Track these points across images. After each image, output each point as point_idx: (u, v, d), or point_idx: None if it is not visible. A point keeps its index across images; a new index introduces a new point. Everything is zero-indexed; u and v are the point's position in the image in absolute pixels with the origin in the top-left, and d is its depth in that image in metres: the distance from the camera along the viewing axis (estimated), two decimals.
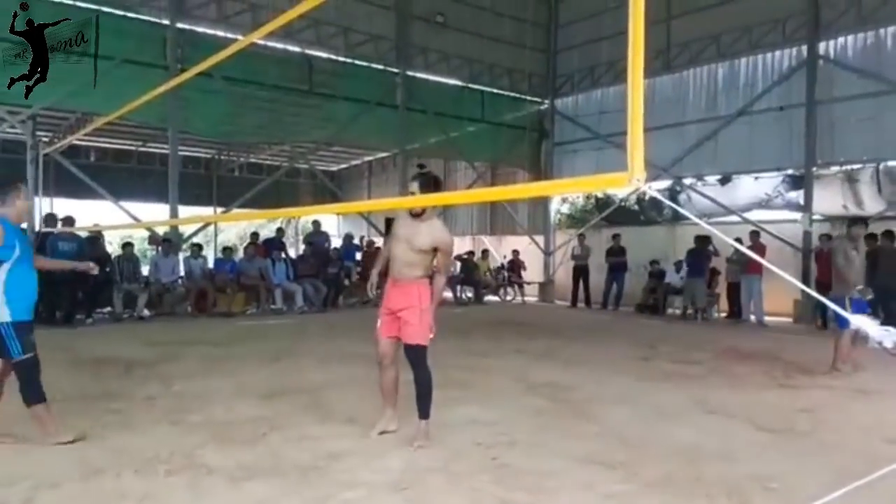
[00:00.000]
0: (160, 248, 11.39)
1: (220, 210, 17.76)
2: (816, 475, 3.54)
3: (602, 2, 14.78)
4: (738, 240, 9.05)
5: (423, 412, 3.94)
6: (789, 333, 10.15)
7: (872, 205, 11.56)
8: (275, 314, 11.47)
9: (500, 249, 17.27)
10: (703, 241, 11.93)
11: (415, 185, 3.98)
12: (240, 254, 13.17)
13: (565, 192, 14.91)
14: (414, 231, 3.90)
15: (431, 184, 3.98)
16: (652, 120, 10.88)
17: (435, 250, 3.93)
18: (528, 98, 16.47)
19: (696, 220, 2.87)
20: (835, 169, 12.06)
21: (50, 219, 10.27)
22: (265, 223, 21.51)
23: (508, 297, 15.46)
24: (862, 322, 1.47)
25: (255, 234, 13.80)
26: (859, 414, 5.00)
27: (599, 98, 15.69)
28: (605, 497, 3.20)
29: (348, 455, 3.73)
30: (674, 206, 7.91)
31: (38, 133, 10.95)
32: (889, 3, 11.04)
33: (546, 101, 16.64)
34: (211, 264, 12.14)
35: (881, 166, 11.51)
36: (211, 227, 20.65)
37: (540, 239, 16.69)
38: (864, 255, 10.12)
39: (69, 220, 10.14)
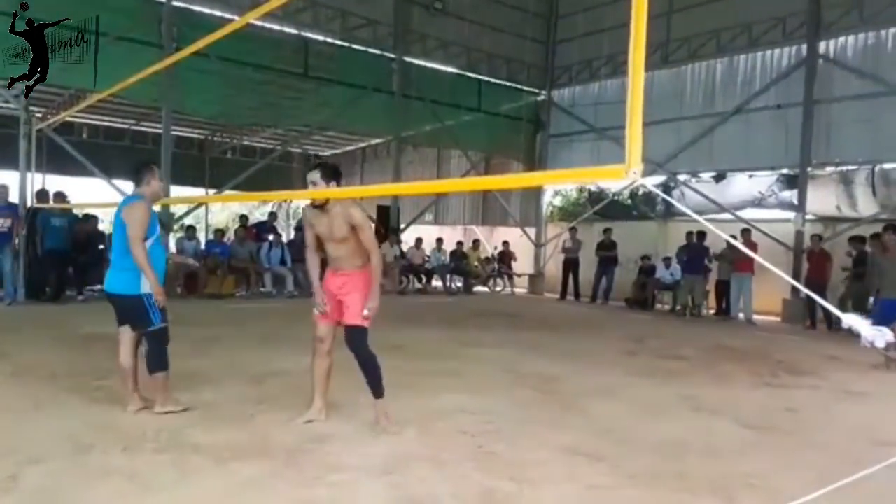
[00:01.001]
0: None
1: (212, 192, 17.64)
2: (800, 474, 3.57)
3: None
4: (733, 237, 9.08)
5: (377, 392, 3.91)
6: (777, 332, 10.22)
7: (866, 207, 11.64)
8: (264, 297, 11.45)
9: (491, 240, 17.28)
10: (702, 237, 11.98)
11: (316, 175, 3.83)
12: (231, 236, 13.12)
13: (561, 183, 14.92)
14: (327, 222, 3.85)
15: (331, 173, 3.88)
16: (649, 114, 10.75)
17: (354, 230, 3.85)
18: (526, 89, 16.41)
19: (695, 215, 2.85)
20: (830, 169, 12.13)
21: (42, 195, 10.18)
22: (256, 206, 21.39)
23: (498, 288, 15.49)
24: (854, 321, 1.48)
25: (244, 217, 13.74)
26: (845, 415, 5.05)
27: (597, 91, 15.67)
28: (589, 488, 3.23)
29: (335, 439, 3.73)
30: (671, 200, 7.92)
31: (32, 108, 10.79)
32: (892, 4, 11.04)
33: (543, 93, 16.59)
34: (202, 245, 12.08)
35: (876, 168, 11.58)
36: (202, 209, 20.53)
37: (531, 231, 16.70)
38: (854, 258, 10.30)
39: (60, 196, 10.06)
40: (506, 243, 15.89)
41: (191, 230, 11.88)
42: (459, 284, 14.80)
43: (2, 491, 2.86)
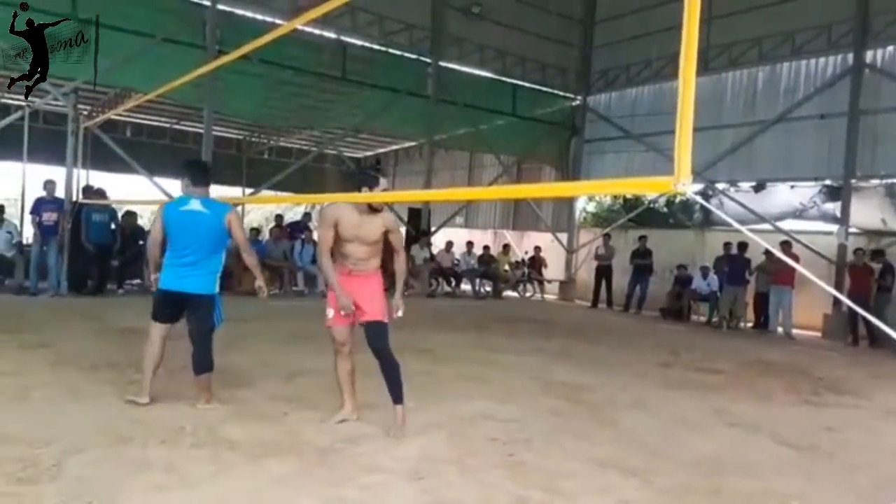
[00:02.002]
0: None
1: (248, 191, 17.93)
2: (840, 496, 3.48)
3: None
4: (769, 251, 8.87)
5: (396, 398, 3.91)
6: (818, 348, 9.94)
7: None
8: (297, 296, 11.59)
9: (521, 245, 17.18)
10: (742, 247, 11.75)
11: (384, 182, 3.96)
12: (265, 235, 13.30)
13: (604, 192, 14.71)
14: (367, 224, 3.88)
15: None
16: None
17: (385, 234, 3.94)
18: (560, 94, 16.31)
19: (737, 225, 2.76)
20: (875, 182, 11.78)
21: (87, 190, 10.50)
22: (291, 206, 21.67)
23: (528, 294, 15.39)
24: None
25: (279, 217, 13.91)
26: (887, 436, 4.90)
27: (633, 97, 15.49)
28: (622, 503, 3.18)
29: (367, 440, 3.76)
30: (713, 209, 7.77)
31: (79, 107, 11.13)
32: None
33: (578, 98, 16.46)
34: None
35: None
36: (238, 208, 20.85)
37: (563, 236, 16.54)
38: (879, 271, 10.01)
39: (101, 193, 10.34)
40: (537, 248, 15.79)
41: None
42: (489, 289, 14.76)
43: (48, 478, 2.95)
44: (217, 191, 18.14)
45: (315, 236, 13.76)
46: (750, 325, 12.17)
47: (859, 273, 10.64)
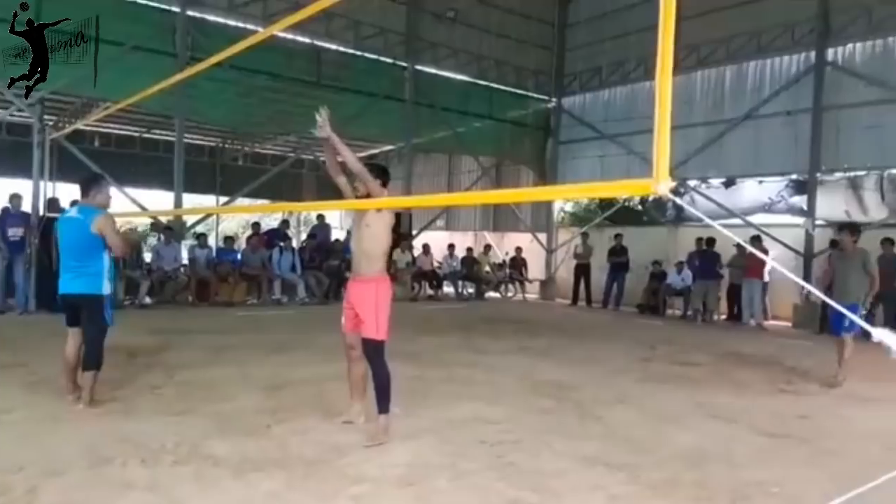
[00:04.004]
0: (162, 236, 11.39)
1: (223, 199, 17.74)
2: (817, 482, 3.57)
3: (612, 1, 14.76)
4: (740, 244, 9.06)
5: (382, 407, 3.95)
6: (789, 338, 10.16)
7: (876, 212, 11.58)
8: (276, 305, 11.49)
9: (502, 246, 17.29)
10: (711, 243, 12.01)
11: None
12: (241, 243, 13.18)
13: (583, 196, 14.86)
14: (363, 215, 4.02)
15: (378, 172, 4.09)
16: None
17: (380, 216, 4.02)
18: (535, 96, 16.45)
19: (708, 220, 2.85)
20: (839, 175, 12.08)
21: (53, 203, 10.26)
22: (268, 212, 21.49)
23: (509, 294, 15.48)
24: (882, 334, 1.50)
25: (256, 224, 13.78)
26: (858, 421, 5.02)
27: (606, 98, 15.67)
28: (611, 498, 3.23)
29: (354, 450, 3.74)
30: (685, 206, 7.89)
31: (45, 117, 10.90)
32: None
33: (553, 100, 16.61)
34: (213, 253, 12.16)
35: (885, 174, 11.54)
36: (213, 217, 20.64)
37: (542, 236, 16.70)
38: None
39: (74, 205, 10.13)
40: (518, 249, 15.90)
41: (202, 238, 11.95)
42: (471, 290, 14.81)
43: None
44: (190, 199, 18.00)
45: (294, 244, 13.72)
46: (724, 317, 12.40)
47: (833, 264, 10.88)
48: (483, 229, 18.70)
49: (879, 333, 1.52)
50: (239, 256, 12.07)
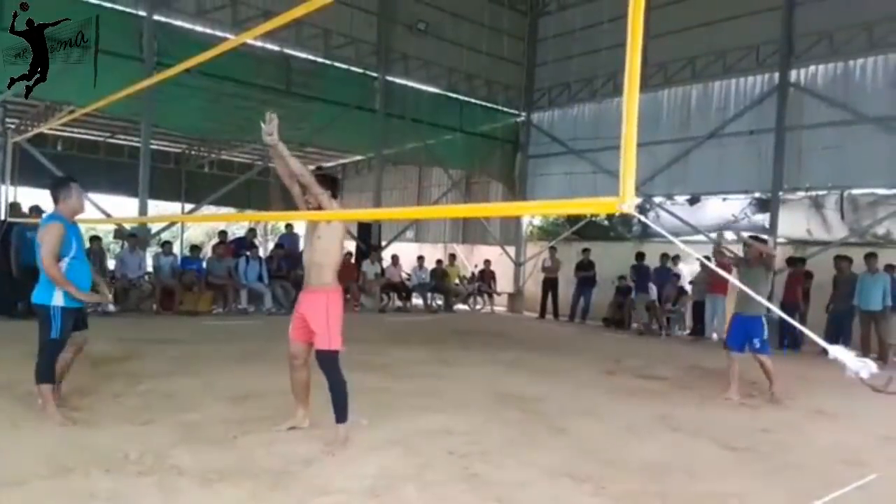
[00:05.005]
0: (127, 244, 11.17)
1: (188, 206, 17.47)
2: (777, 495, 3.67)
3: (582, 18, 15.03)
4: (707, 258, 9.27)
5: (339, 416, 3.98)
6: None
7: (836, 231, 11.98)
8: (242, 315, 11.34)
9: (471, 258, 17.37)
10: (642, 257, 12.83)
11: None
12: (207, 251, 12.99)
13: (552, 213, 15.03)
14: (314, 226, 4.05)
15: (328, 183, 4.09)
16: None
17: (332, 227, 4.05)
18: (505, 110, 16.63)
19: (671, 237, 2.94)
20: (800, 194, 12.44)
21: (14, 208, 9.99)
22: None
23: (478, 307, 15.54)
24: (839, 352, 1.55)
25: (223, 233, 13.60)
26: (816, 435, 5.17)
27: (575, 114, 15.93)
28: None
29: (320, 460, 3.73)
30: (649, 223, 8.00)
31: (7, 120, 10.64)
32: (859, 35, 11.43)
33: (522, 114, 16.82)
34: (178, 261, 11.96)
35: (845, 194, 11.94)
36: (177, 224, 20.29)
37: (511, 250, 16.83)
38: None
39: (37, 210, 9.88)
40: (487, 262, 15.98)
41: (167, 246, 11.75)
42: (440, 302, 14.82)
43: None
44: (155, 205, 17.67)
45: (260, 252, 13.56)
46: (687, 332, 12.65)
47: (792, 281, 11.25)
48: (453, 241, 18.77)
49: (835, 351, 1.58)
50: (204, 265, 11.89)
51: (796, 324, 2.51)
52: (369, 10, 14.03)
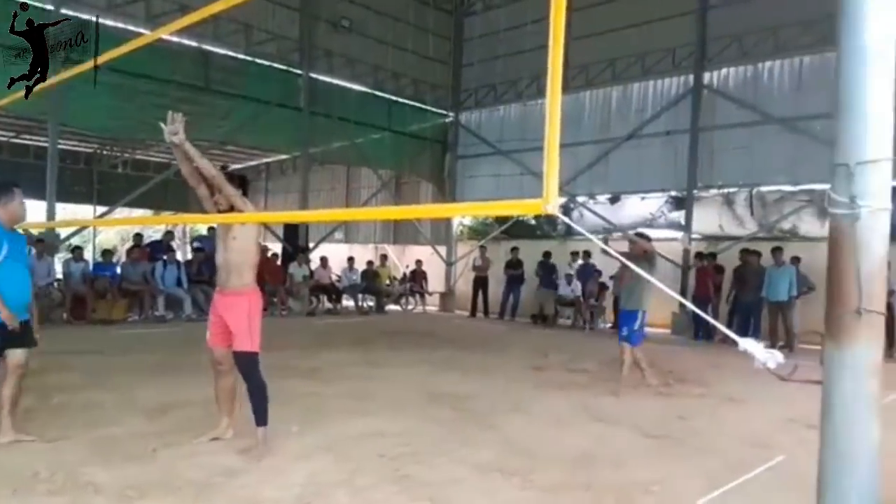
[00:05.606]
0: (34, 250, 10.46)
1: (100, 209, 16.60)
2: (694, 479, 3.85)
3: (506, 19, 15.23)
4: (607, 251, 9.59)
5: (259, 420, 3.92)
6: (666, 344, 10.83)
7: (747, 226, 12.72)
8: (159, 322, 10.86)
9: (403, 259, 17.33)
10: (548, 255, 13.48)
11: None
12: (121, 256, 12.37)
13: (478, 213, 15.16)
14: (229, 227, 3.95)
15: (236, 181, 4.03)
16: None
17: (247, 228, 3.97)
18: (434, 110, 16.67)
19: (590, 235, 3.06)
20: (713, 192, 13.10)
21: None
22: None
23: (410, 307, 15.53)
24: (748, 344, 1.64)
25: (138, 236, 12.95)
26: (729, 420, 5.47)
27: (501, 115, 16.16)
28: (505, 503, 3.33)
29: (246, 471, 3.62)
30: (572, 224, 8.22)
31: None
32: (767, 39, 12.10)
33: (450, 115, 16.92)
34: (90, 267, 11.34)
35: (754, 191, 12.67)
36: (89, 228, 19.26)
37: (442, 249, 16.91)
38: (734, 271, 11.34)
39: None
40: (419, 262, 15.99)
41: (77, 251, 11.11)
42: (371, 303, 14.71)
43: None
44: (64, 208, 16.67)
45: (178, 256, 13.03)
46: (609, 326, 13.09)
47: (701, 275, 11.85)
48: (384, 242, 18.67)
49: (745, 343, 1.67)
50: (118, 270, 11.33)
51: (707, 316, 2.65)
52: (291, 6, 13.76)
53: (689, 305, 2.41)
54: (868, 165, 2.21)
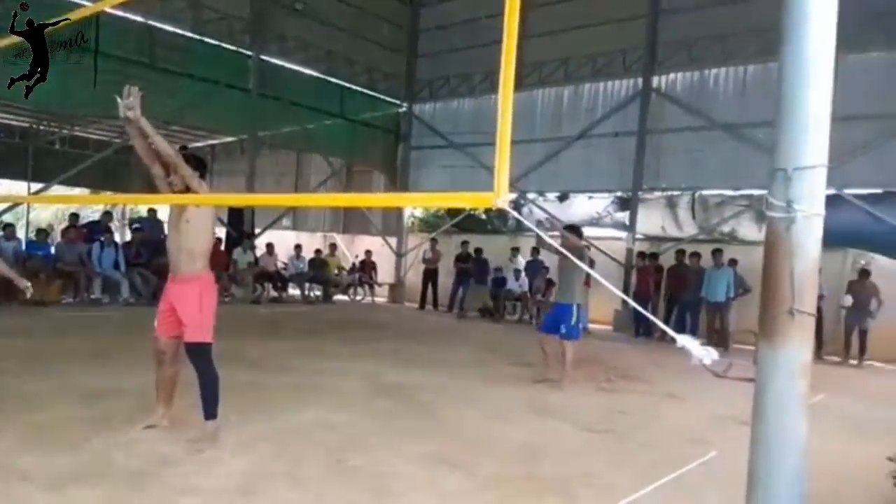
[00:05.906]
0: None
1: (35, 186, 15.79)
2: (631, 472, 3.97)
3: (462, 12, 15.21)
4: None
5: (209, 413, 3.83)
6: (608, 341, 11.11)
7: (688, 228, 13.12)
8: (96, 305, 10.45)
9: (352, 248, 17.17)
10: (479, 252, 13.93)
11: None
12: (56, 236, 11.82)
13: (429, 205, 15.12)
14: (182, 210, 3.80)
15: (195, 164, 3.87)
16: None
17: (202, 211, 3.83)
18: (387, 99, 16.53)
19: (540, 233, 3.11)
20: (657, 194, 13.46)
21: None
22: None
23: (358, 297, 15.41)
24: (685, 341, 1.69)
25: (74, 216, 12.38)
26: (667, 416, 5.65)
27: (455, 108, 16.16)
28: (446, 496, 3.35)
29: (183, 460, 3.53)
30: (522, 220, 8.28)
31: None
32: (714, 47, 12.42)
33: (404, 105, 16.82)
34: (23, 246, 10.80)
35: (696, 194, 13.09)
36: (22, 205, 18.32)
37: (393, 240, 16.82)
38: (667, 271, 11.73)
39: None
40: (368, 252, 15.87)
41: (9, 229, 10.55)
42: (318, 293, 14.52)
43: None
44: None
45: (117, 238, 12.54)
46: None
47: (642, 274, 12.20)
48: (333, 231, 18.44)
49: (682, 339, 1.71)
50: (53, 251, 10.81)
51: (647, 314, 2.73)
52: None
53: (632, 303, 2.47)
54: (805, 171, 2.30)
